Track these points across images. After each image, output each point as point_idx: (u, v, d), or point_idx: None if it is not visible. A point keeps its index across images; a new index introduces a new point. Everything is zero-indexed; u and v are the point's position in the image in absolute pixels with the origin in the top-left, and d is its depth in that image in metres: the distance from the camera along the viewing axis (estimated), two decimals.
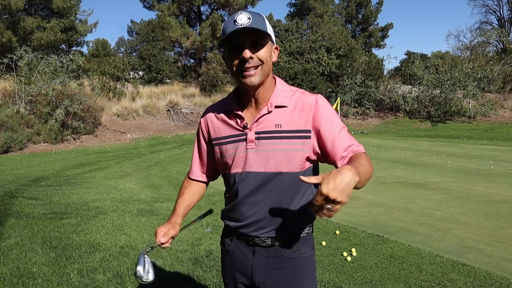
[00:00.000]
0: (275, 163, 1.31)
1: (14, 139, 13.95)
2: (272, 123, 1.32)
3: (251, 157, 1.33)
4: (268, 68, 1.30)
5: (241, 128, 1.35)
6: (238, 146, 1.35)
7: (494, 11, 38.01)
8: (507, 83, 26.06)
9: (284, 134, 1.31)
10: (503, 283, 3.00)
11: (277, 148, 1.31)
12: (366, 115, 24.07)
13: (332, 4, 35.43)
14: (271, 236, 1.36)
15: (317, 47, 25.22)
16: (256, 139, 1.33)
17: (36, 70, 17.51)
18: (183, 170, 9.35)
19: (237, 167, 1.36)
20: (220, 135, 1.41)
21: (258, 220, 1.35)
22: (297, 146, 1.31)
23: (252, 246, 1.40)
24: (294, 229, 1.38)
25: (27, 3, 24.22)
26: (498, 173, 7.83)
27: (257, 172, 1.33)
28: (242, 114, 1.36)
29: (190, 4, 29.74)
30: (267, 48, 1.28)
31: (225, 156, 1.38)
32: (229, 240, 1.48)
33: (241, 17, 1.24)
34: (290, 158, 1.31)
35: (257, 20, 1.24)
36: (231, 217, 1.43)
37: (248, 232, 1.38)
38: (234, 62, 1.27)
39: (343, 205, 0.99)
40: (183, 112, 21.21)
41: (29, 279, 3.10)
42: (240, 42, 1.24)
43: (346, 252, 3.64)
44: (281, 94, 1.36)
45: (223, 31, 1.27)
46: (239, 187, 1.35)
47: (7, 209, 5.20)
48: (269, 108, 1.33)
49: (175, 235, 1.37)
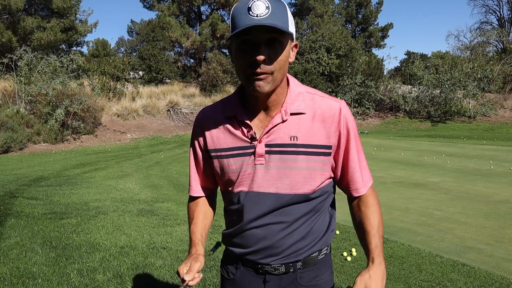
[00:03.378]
0: (289, 183, 1.11)
1: (14, 139, 13.94)
2: (287, 134, 1.10)
3: (260, 175, 1.12)
4: (283, 73, 1.06)
5: (248, 140, 1.12)
6: (244, 160, 1.13)
7: (494, 11, 38.04)
8: (507, 83, 26.05)
9: (301, 149, 1.10)
10: (503, 283, 3.00)
11: (292, 165, 1.10)
12: (366, 115, 24.06)
13: (332, 4, 35.44)
14: (285, 263, 1.16)
15: (317, 47, 25.21)
16: (267, 153, 1.11)
17: (36, 70, 17.51)
18: (183, 170, 9.35)
19: (242, 185, 1.15)
20: (220, 146, 1.17)
21: (268, 246, 1.15)
22: (316, 164, 1.12)
23: (263, 274, 1.19)
24: (311, 253, 1.18)
25: (27, 3, 24.23)
26: (498, 173, 7.83)
27: (267, 193, 1.12)
28: (249, 121, 1.12)
29: (190, 4, 29.74)
30: (286, 49, 1.03)
31: (228, 171, 1.16)
32: (233, 267, 1.25)
33: (258, 4, 0.97)
34: (308, 178, 1.11)
35: (278, 11, 0.99)
36: (236, 242, 1.21)
37: (257, 259, 1.17)
38: (243, 63, 1.02)
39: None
40: (183, 112, 21.21)
41: (29, 279, 3.10)
42: (254, 38, 0.99)
43: (346, 252, 3.64)
44: (297, 98, 1.13)
45: (234, 21, 1.01)
46: (245, 209, 1.15)
47: (7, 209, 5.20)
48: (283, 116, 1.10)
49: (200, 267, 1.14)
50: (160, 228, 4.54)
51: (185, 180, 8.11)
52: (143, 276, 3.22)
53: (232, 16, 1.02)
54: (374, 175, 7.14)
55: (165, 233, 4.35)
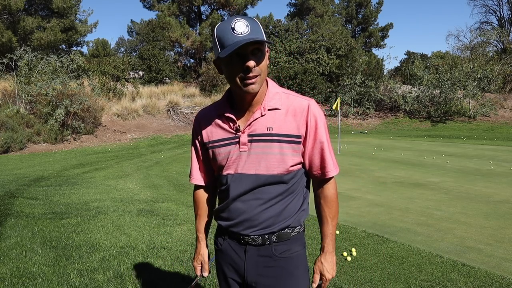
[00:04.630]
0: (266, 165, 1.34)
1: (14, 139, 13.94)
2: (264, 125, 1.35)
3: (244, 159, 1.36)
4: (266, 74, 1.33)
5: (234, 131, 1.38)
6: (232, 148, 1.38)
7: (494, 11, 38.06)
8: (507, 83, 26.07)
9: (275, 137, 1.34)
10: (503, 283, 3.00)
11: (268, 151, 1.34)
12: (366, 115, 24.06)
13: (332, 4, 35.46)
14: (261, 234, 1.38)
15: (317, 47, 25.22)
16: (249, 141, 1.36)
17: (36, 70, 17.51)
18: (183, 170, 9.35)
19: (229, 169, 1.39)
20: (213, 138, 1.43)
21: (248, 219, 1.38)
22: (287, 150, 1.35)
23: (244, 245, 1.43)
24: (284, 228, 1.40)
25: (27, 3, 24.23)
26: (498, 173, 7.83)
27: (248, 174, 1.36)
28: (234, 117, 1.38)
29: (190, 4, 29.75)
30: (266, 56, 1.31)
31: (218, 158, 1.41)
32: (221, 239, 1.50)
33: (239, 25, 1.23)
34: (280, 162, 1.34)
35: (255, 28, 1.25)
36: (223, 216, 1.45)
37: (239, 231, 1.40)
38: (236, 71, 1.27)
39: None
40: (183, 112, 21.21)
41: (29, 279, 3.10)
42: (243, 51, 1.24)
43: (346, 252, 3.64)
44: (274, 97, 1.38)
45: (221, 40, 1.25)
46: (231, 188, 1.38)
47: (7, 209, 5.20)
48: (262, 111, 1.36)
49: (207, 260, 1.60)
50: (160, 228, 4.54)
51: (185, 180, 8.11)
52: (143, 276, 3.22)
53: (218, 36, 1.27)
54: (374, 175, 7.10)
55: (165, 233, 4.35)
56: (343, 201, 5.64)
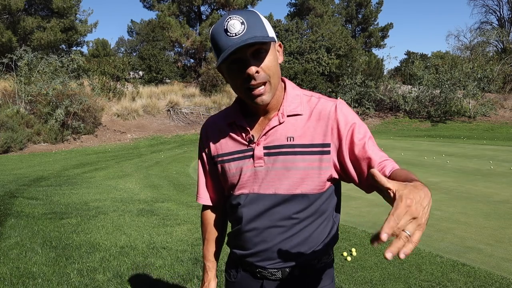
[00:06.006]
0: (288, 184, 1.11)
1: (14, 139, 13.95)
2: (283, 135, 1.11)
3: (260, 177, 1.13)
4: (278, 76, 1.08)
5: (246, 143, 1.15)
6: (244, 163, 1.15)
7: (494, 11, 38.03)
8: (507, 83, 26.05)
9: (297, 149, 1.10)
10: (503, 283, 3.00)
11: (289, 166, 1.10)
12: (366, 115, 24.06)
13: (332, 4, 35.46)
14: (281, 268, 1.15)
15: (317, 47, 25.23)
16: (265, 155, 1.12)
17: (36, 70, 17.51)
18: (183, 170, 9.35)
19: (243, 188, 1.16)
20: (222, 151, 1.20)
21: (266, 249, 1.15)
22: (313, 163, 1.10)
23: (260, 279, 1.19)
24: (310, 259, 1.16)
25: (27, 3, 24.23)
26: (498, 173, 7.83)
27: (266, 194, 1.12)
28: (247, 125, 1.15)
29: (190, 4, 29.74)
30: (272, 53, 1.05)
31: (229, 175, 1.18)
32: (235, 271, 1.27)
33: (233, 24, 0.99)
34: (305, 178, 1.10)
35: (253, 23, 1.01)
36: (236, 244, 1.23)
37: (254, 262, 1.18)
38: (237, 81, 1.05)
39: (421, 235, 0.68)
40: (183, 112, 21.22)
41: (29, 279, 3.10)
42: (241, 56, 1.01)
43: (346, 252, 3.64)
44: (294, 101, 1.14)
45: (217, 45, 1.03)
46: (244, 211, 1.16)
47: (7, 209, 5.20)
48: (280, 118, 1.12)
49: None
50: (160, 228, 4.54)
51: (185, 180, 8.11)
52: (143, 276, 3.22)
53: (212, 39, 1.04)
54: None
55: (165, 233, 4.35)
56: (343, 201, 5.64)
